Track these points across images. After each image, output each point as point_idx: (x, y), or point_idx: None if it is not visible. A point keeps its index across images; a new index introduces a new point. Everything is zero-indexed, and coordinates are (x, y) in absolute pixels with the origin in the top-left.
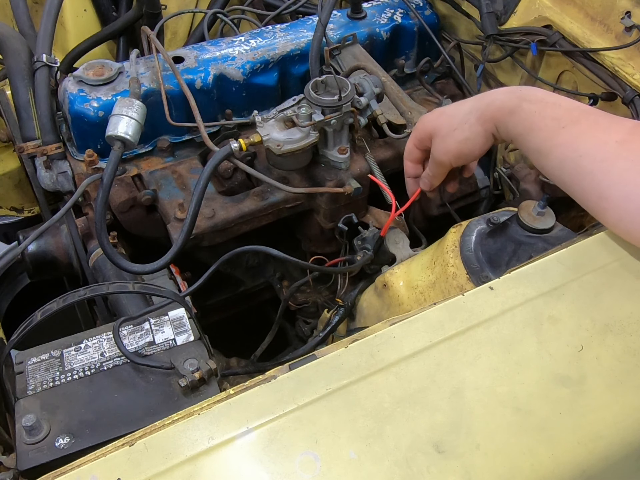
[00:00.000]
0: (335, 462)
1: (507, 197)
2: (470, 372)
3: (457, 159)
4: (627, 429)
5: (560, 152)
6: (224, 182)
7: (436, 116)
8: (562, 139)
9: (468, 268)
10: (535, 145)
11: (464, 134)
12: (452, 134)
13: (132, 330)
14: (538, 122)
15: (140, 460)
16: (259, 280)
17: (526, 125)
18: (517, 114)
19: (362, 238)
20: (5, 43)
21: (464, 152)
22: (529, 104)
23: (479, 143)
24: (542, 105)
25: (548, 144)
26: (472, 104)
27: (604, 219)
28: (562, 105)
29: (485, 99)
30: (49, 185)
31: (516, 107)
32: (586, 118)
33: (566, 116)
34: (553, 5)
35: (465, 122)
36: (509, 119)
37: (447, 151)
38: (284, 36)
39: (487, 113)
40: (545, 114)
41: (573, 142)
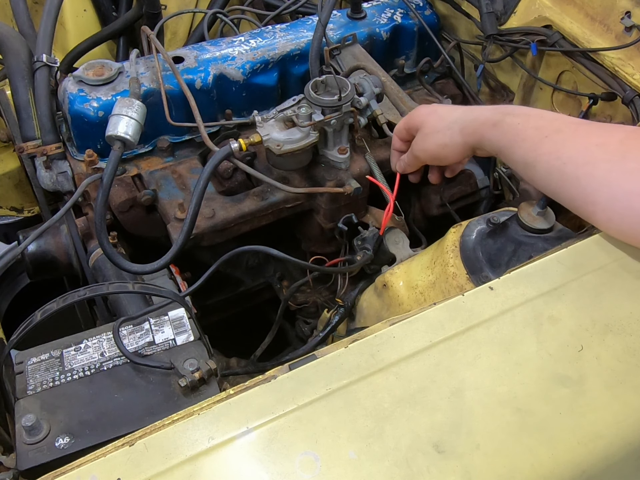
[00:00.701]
0: (335, 462)
1: (507, 197)
2: (470, 372)
3: (432, 159)
4: (627, 429)
5: (545, 162)
6: (224, 182)
7: (428, 112)
8: (545, 149)
9: (468, 268)
10: (520, 157)
11: (444, 139)
12: (434, 136)
13: (132, 330)
14: (521, 133)
15: (140, 460)
16: (259, 280)
17: (510, 138)
18: (501, 126)
19: (362, 238)
20: (5, 43)
21: (440, 155)
22: (512, 117)
23: (455, 152)
24: (525, 118)
25: (532, 154)
26: (460, 114)
27: (595, 221)
28: (544, 117)
29: (472, 113)
30: (49, 185)
31: (499, 120)
32: (567, 126)
33: (548, 126)
34: (553, 5)
35: (449, 129)
36: (492, 132)
37: (424, 149)
38: (284, 36)
39: (470, 127)
40: (528, 125)
41: (556, 150)
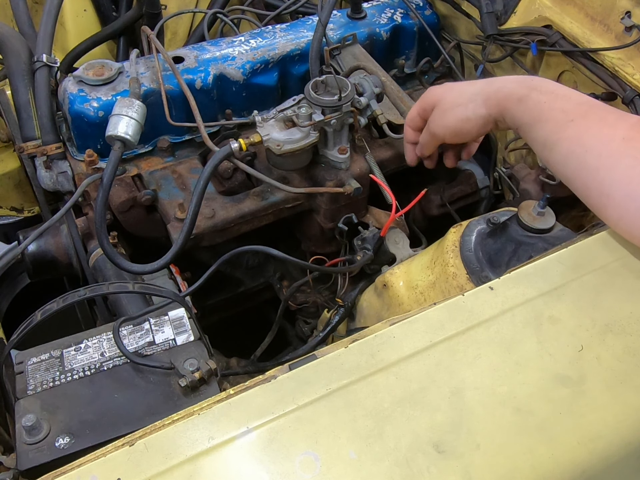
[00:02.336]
0: (335, 462)
1: (507, 197)
2: (470, 372)
3: (452, 135)
4: (627, 429)
5: (565, 146)
6: (224, 182)
7: (444, 89)
8: (569, 133)
9: (468, 268)
10: (541, 137)
11: (466, 112)
12: (454, 110)
13: (132, 330)
14: (546, 113)
15: (140, 460)
16: (259, 280)
17: (534, 115)
18: (525, 102)
19: (362, 238)
20: (5, 43)
21: (462, 130)
22: (539, 94)
23: (477, 125)
24: (552, 97)
25: (554, 136)
26: (481, 85)
27: (605, 216)
28: (572, 98)
29: (495, 83)
30: (49, 185)
31: (525, 95)
32: (594, 112)
33: (575, 109)
34: (553, 5)
35: (471, 101)
36: (516, 107)
37: (444, 125)
38: (284, 36)
39: (494, 98)
40: (554, 106)
41: (580, 136)
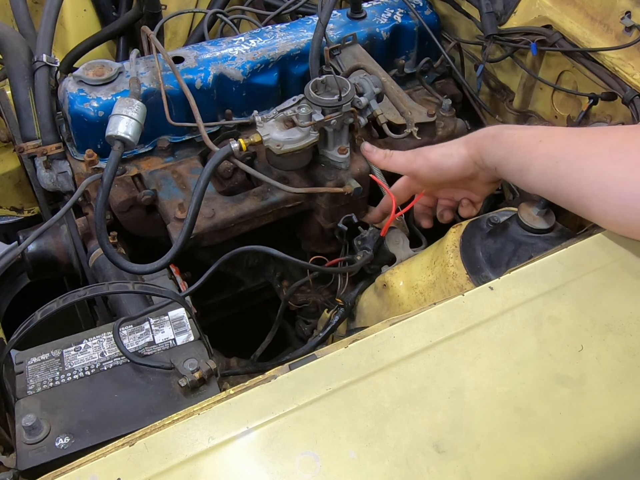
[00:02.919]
0: (335, 462)
1: (507, 197)
2: (470, 372)
3: (430, 169)
4: (627, 429)
5: (539, 164)
6: (224, 182)
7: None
8: (539, 151)
9: (468, 268)
10: (516, 164)
11: (449, 149)
12: (437, 149)
13: (132, 330)
14: (517, 142)
15: (140, 460)
16: (259, 280)
17: (507, 147)
18: (499, 138)
19: (362, 238)
20: (5, 43)
21: (442, 166)
22: (510, 130)
23: (458, 164)
24: (522, 129)
25: (528, 158)
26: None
27: (591, 216)
28: (539, 127)
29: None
30: (49, 185)
31: (499, 133)
32: (560, 131)
33: (542, 132)
34: (553, 5)
35: (454, 143)
36: (491, 144)
37: (426, 157)
38: (284, 36)
39: (472, 139)
40: (524, 134)
41: (549, 151)
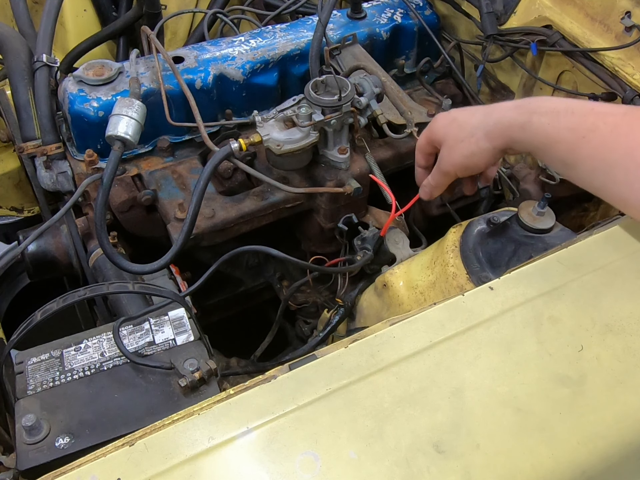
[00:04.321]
0: (335, 462)
1: (507, 197)
2: (470, 372)
3: (462, 170)
4: (627, 429)
5: (587, 164)
6: (224, 182)
7: (448, 122)
8: (585, 151)
9: (468, 268)
10: (557, 159)
11: (470, 148)
12: (458, 147)
13: (132, 330)
14: (553, 135)
15: (140, 460)
16: (259, 280)
17: (541, 139)
18: (529, 128)
19: (362, 238)
20: (5, 43)
21: (469, 165)
22: (539, 117)
23: (484, 158)
24: (554, 116)
25: (571, 156)
26: (480, 118)
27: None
28: (575, 112)
29: (493, 114)
30: (49, 185)
31: (526, 122)
32: (603, 121)
33: (582, 124)
34: (553, 5)
35: (472, 135)
36: (521, 135)
37: (452, 163)
38: (284, 36)
39: (495, 131)
40: (560, 125)
41: (598, 152)
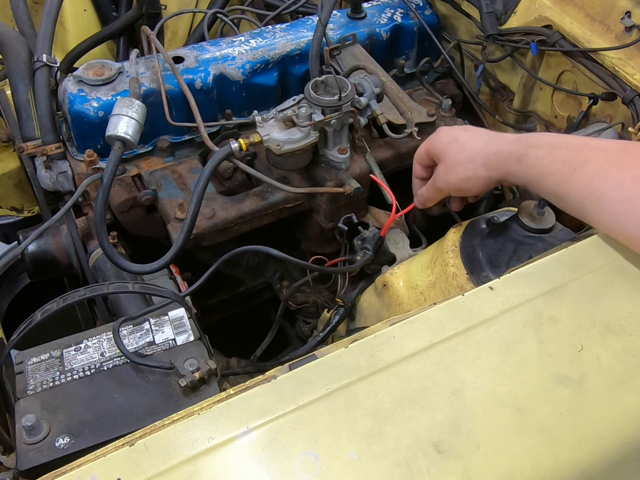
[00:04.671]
0: (335, 462)
1: (507, 197)
2: (470, 372)
3: (455, 191)
4: (627, 429)
5: (577, 195)
6: (224, 182)
7: (449, 140)
8: (575, 182)
9: (468, 268)
10: (549, 190)
11: (467, 173)
12: (456, 169)
13: (132, 330)
14: (548, 167)
15: (140, 460)
16: (259, 280)
17: (536, 172)
18: (525, 161)
19: (362, 238)
20: (5, 43)
21: (463, 188)
22: (536, 150)
23: (479, 185)
24: (550, 150)
25: (562, 188)
26: (482, 145)
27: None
28: (569, 147)
29: (494, 145)
30: (49, 185)
31: (523, 154)
32: (595, 156)
33: (575, 157)
34: (553, 5)
35: (471, 162)
36: (517, 167)
37: (447, 182)
38: (284, 36)
39: (493, 162)
40: (554, 158)
41: (588, 184)
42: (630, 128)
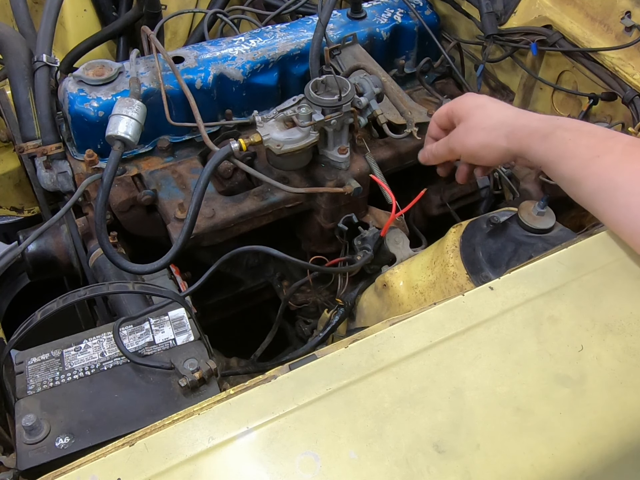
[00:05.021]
0: (335, 462)
1: (507, 197)
2: (470, 372)
3: (469, 156)
4: (627, 429)
5: (593, 182)
6: (224, 182)
7: (476, 105)
8: (595, 169)
9: (468, 268)
10: (567, 173)
11: (487, 139)
12: (477, 132)
13: (132, 330)
14: (572, 150)
15: (140, 460)
16: (259, 280)
17: (558, 152)
18: (550, 140)
19: (362, 238)
20: (5, 43)
21: (478, 154)
22: (563, 131)
23: (494, 154)
24: (577, 134)
25: (581, 172)
26: (510, 115)
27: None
28: (597, 134)
29: (522, 119)
30: (49, 185)
31: (550, 133)
32: (621, 147)
33: (600, 145)
34: (553, 5)
35: (495, 129)
36: (541, 144)
37: (463, 144)
38: (284, 36)
39: (518, 134)
40: (579, 142)
41: (607, 172)
42: (630, 128)
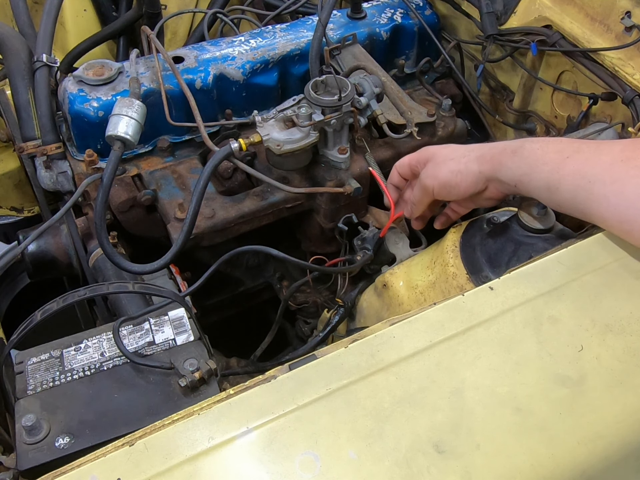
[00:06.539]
0: (335, 462)
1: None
2: (470, 372)
3: (441, 187)
4: (627, 429)
5: (569, 182)
6: (224, 182)
7: (439, 147)
8: (568, 169)
9: (468, 268)
10: (542, 181)
11: (458, 166)
12: (447, 163)
13: (132, 330)
14: (542, 157)
15: (140, 460)
16: (259, 280)
17: (530, 163)
18: (520, 152)
19: (362, 238)
20: (5, 43)
21: (451, 183)
22: (531, 143)
23: (467, 181)
24: (544, 143)
25: (555, 176)
26: (476, 145)
27: (632, 240)
28: (562, 140)
29: (488, 145)
30: (49, 185)
31: (519, 147)
32: (587, 146)
33: (568, 147)
34: (553, 5)
35: (464, 156)
36: (512, 159)
37: (435, 176)
38: (284, 36)
39: (487, 154)
40: (548, 149)
41: (580, 169)
42: (630, 128)
